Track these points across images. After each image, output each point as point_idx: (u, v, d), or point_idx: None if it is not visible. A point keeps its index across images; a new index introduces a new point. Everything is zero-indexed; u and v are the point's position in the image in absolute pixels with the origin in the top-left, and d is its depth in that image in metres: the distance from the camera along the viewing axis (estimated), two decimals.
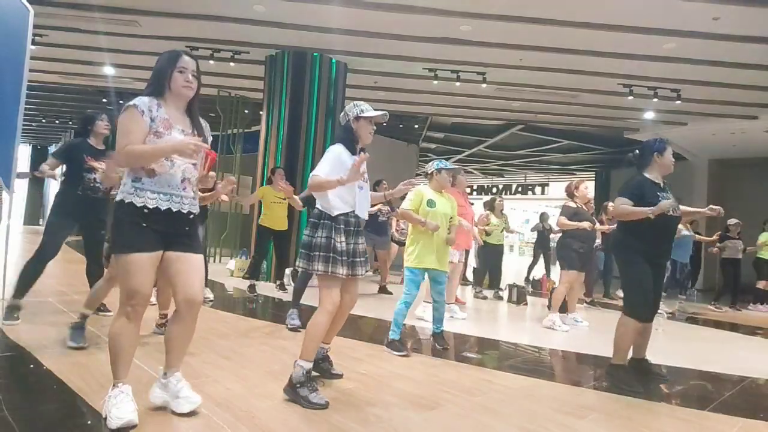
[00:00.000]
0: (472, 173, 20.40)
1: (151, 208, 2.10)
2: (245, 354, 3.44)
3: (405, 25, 6.59)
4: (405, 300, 3.89)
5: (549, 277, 8.77)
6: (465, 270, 7.93)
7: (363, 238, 2.84)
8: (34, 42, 6.20)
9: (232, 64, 8.04)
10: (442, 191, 4.07)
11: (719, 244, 8.40)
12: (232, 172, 9.20)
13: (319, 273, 2.63)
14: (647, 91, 8.04)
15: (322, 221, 2.68)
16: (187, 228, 2.24)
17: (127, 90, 10.68)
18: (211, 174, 4.00)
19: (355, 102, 2.84)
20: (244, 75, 8.93)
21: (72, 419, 2.20)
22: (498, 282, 7.71)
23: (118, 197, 2.13)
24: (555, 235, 7.70)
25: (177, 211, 2.17)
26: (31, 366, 2.84)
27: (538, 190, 20.84)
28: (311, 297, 4.63)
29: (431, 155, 16.71)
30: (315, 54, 7.79)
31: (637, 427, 2.63)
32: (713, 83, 7.70)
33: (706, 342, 5.51)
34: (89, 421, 2.13)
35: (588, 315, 6.05)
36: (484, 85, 8.28)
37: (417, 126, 13.09)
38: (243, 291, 6.54)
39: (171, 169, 2.14)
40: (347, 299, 2.82)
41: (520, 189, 21.35)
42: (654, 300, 3.34)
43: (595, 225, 5.54)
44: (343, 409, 2.53)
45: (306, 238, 2.70)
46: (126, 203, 2.09)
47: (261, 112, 8.36)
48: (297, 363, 2.60)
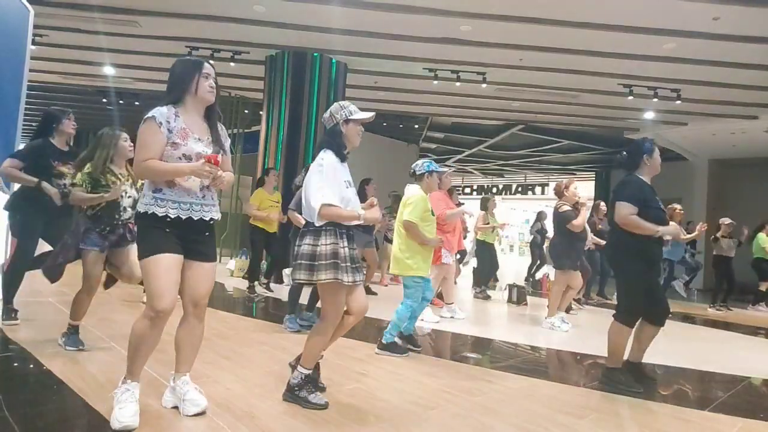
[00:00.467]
0: (472, 173, 20.40)
1: (173, 217, 2.18)
2: (245, 354, 3.45)
3: (405, 25, 6.59)
4: (413, 306, 3.86)
5: (549, 277, 8.75)
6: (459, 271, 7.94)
7: (355, 242, 2.69)
8: (34, 42, 6.20)
9: (232, 64, 8.05)
10: (428, 194, 4.03)
11: (713, 242, 8.31)
12: (232, 172, 9.16)
13: (327, 282, 2.44)
14: (647, 91, 8.04)
15: (324, 228, 2.49)
16: (207, 233, 2.33)
17: (127, 90, 10.69)
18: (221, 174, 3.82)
19: (341, 103, 2.67)
20: (244, 75, 8.93)
21: (72, 419, 2.20)
22: (489, 279, 7.71)
23: (139, 209, 2.20)
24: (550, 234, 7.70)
25: (198, 219, 2.25)
26: (31, 366, 2.84)
27: (538, 190, 20.82)
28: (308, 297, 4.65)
29: (431, 155, 16.72)
30: (315, 54, 7.79)
31: (637, 427, 2.64)
32: (713, 83, 7.70)
33: (706, 342, 5.51)
34: (89, 421, 2.13)
35: (588, 314, 6.05)
36: (484, 85, 8.28)
37: (417, 126, 13.09)
38: (243, 291, 6.54)
39: (190, 179, 2.21)
40: (356, 307, 2.65)
41: (520, 189, 21.33)
42: (665, 302, 3.30)
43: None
44: (343, 409, 2.53)
45: (306, 247, 2.48)
46: (149, 214, 2.16)
47: (261, 112, 8.37)
48: (297, 369, 2.58)
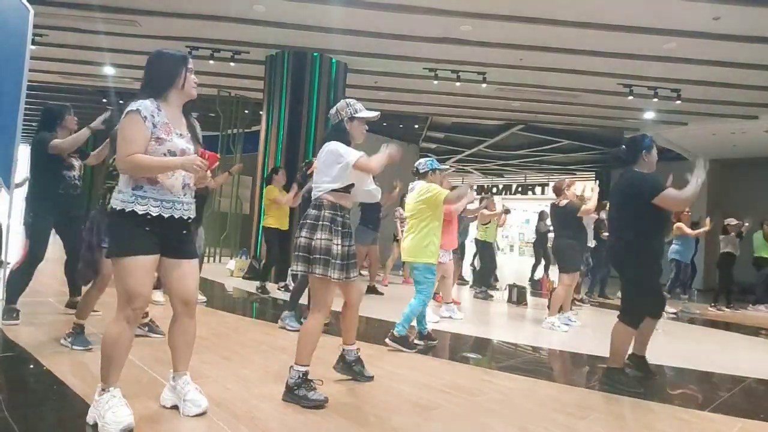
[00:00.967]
0: (472, 173, 20.40)
1: (154, 215, 2.11)
2: (245, 354, 3.44)
3: (405, 25, 6.58)
4: (425, 301, 3.99)
5: (548, 277, 8.75)
6: (461, 270, 7.94)
7: (352, 240, 2.78)
8: (34, 42, 6.19)
9: (232, 64, 8.04)
10: None
11: (723, 236, 8.38)
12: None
13: (317, 276, 2.59)
14: (647, 91, 8.04)
15: (321, 222, 2.62)
16: (185, 232, 2.27)
17: (127, 90, 10.67)
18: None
19: (348, 101, 2.79)
20: (244, 75, 8.92)
21: (72, 419, 2.19)
22: (488, 278, 7.72)
23: (114, 205, 2.10)
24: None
25: (179, 218, 2.20)
26: (31, 366, 2.84)
27: (538, 190, 20.82)
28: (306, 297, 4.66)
29: (431, 155, 16.70)
30: (315, 54, 7.78)
31: (638, 427, 2.63)
32: (713, 83, 7.69)
33: (706, 342, 5.51)
34: (89, 422, 2.13)
35: (588, 315, 6.05)
36: (484, 85, 8.28)
37: (417, 126, 13.08)
38: (243, 291, 6.54)
39: (172, 177, 2.17)
40: (352, 298, 2.90)
41: (520, 189, 21.33)
42: (663, 296, 3.37)
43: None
44: (343, 409, 2.52)
45: (303, 240, 2.62)
46: (127, 212, 2.08)
47: (261, 112, 8.36)
48: (293, 368, 2.57)
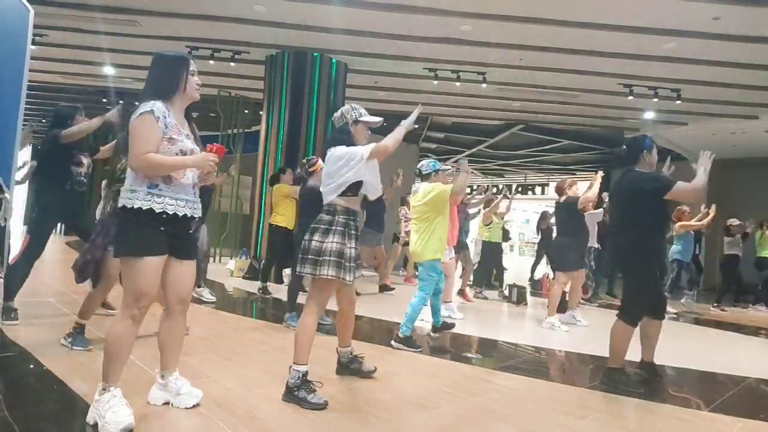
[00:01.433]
0: (472, 173, 20.38)
1: (171, 214, 2.13)
2: (245, 354, 3.44)
3: (405, 25, 6.58)
4: (425, 298, 4.03)
5: (549, 277, 8.74)
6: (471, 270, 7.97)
7: (358, 242, 2.82)
8: (34, 42, 6.19)
9: (232, 64, 8.05)
10: None
11: (728, 238, 8.39)
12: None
13: (329, 278, 2.58)
14: (647, 91, 8.04)
15: (335, 228, 2.65)
16: (191, 231, 2.31)
17: (127, 90, 10.68)
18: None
19: (353, 105, 2.87)
20: (244, 75, 8.93)
21: (72, 419, 2.20)
22: (501, 281, 7.72)
23: (126, 203, 2.10)
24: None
25: (190, 216, 2.24)
26: (31, 366, 2.84)
27: (538, 190, 20.82)
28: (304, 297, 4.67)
29: (431, 155, 16.69)
30: (315, 54, 7.79)
31: (638, 427, 2.63)
32: (713, 83, 7.69)
33: (706, 342, 5.51)
34: (89, 422, 2.13)
35: (587, 315, 6.04)
36: (484, 85, 8.28)
37: (417, 126, 13.06)
38: (243, 291, 6.54)
39: (184, 177, 2.21)
40: (348, 303, 2.97)
41: (520, 189, 21.33)
42: (664, 296, 3.37)
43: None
44: (343, 409, 2.52)
45: (315, 243, 2.63)
46: (144, 210, 2.08)
47: (261, 112, 8.36)
48: (292, 368, 2.57)
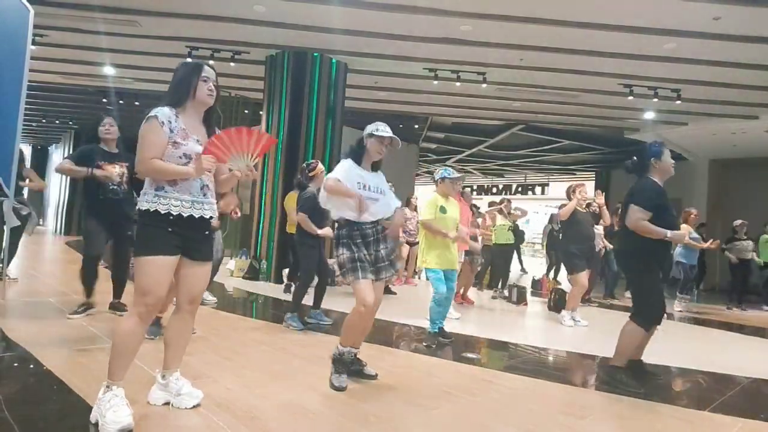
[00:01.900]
0: (472, 173, 20.39)
1: (175, 215, 2.18)
2: (245, 354, 3.45)
3: (405, 25, 6.58)
4: (436, 299, 4.22)
5: (556, 278, 8.77)
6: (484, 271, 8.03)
7: (384, 243, 3.01)
8: (34, 42, 6.19)
9: (232, 64, 8.03)
10: (447, 197, 4.39)
11: (726, 245, 8.41)
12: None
13: (352, 282, 2.86)
14: (647, 91, 8.03)
15: (340, 241, 2.92)
16: (207, 232, 2.34)
17: (128, 90, 10.67)
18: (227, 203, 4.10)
19: (377, 123, 3.08)
20: (244, 75, 8.91)
21: (72, 419, 2.20)
22: (505, 282, 7.73)
23: (141, 206, 2.20)
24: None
25: (199, 217, 2.26)
26: (31, 366, 2.84)
27: (538, 190, 20.84)
28: (307, 298, 4.70)
29: (431, 155, 16.70)
30: (315, 54, 7.78)
31: (638, 427, 2.64)
32: (713, 83, 7.68)
33: (706, 342, 5.51)
34: (89, 422, 2.13)
35: (588, 315, 6.05)
36: (484, 85, 8.27)
37: (417, 126, 13.07)
38: (243, 291, 6.54)
39: (189, 179, 2.22)
40: (376, 300, 3.03)
41: (520, 189, 21.34)
42: (663, 303, 3.35)
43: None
44: (343, 409, 2.53)
45: (336, 258, 2.96)
46: (151, 212, 2.16)
47: (261, 112, 8.35)
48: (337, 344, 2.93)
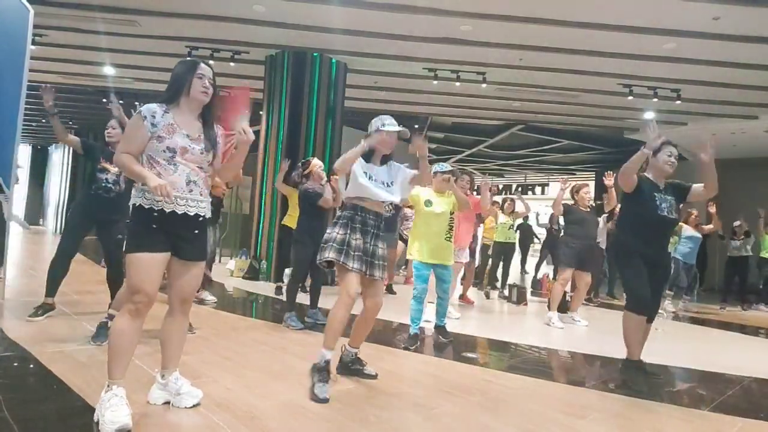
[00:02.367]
0: (472, 173, 20.38)
1: (158, 210, 2.17)
2: (245, 354, 3.44)
3: (405, 25, 6.58)
4: (414, 296, 4.13)
5: (553, 278, 8.75)
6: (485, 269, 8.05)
7: (384, 243, 2.92)
8: (34, 42, 6.19)
9: (232, 64, 8.03)
10: (443, 192, 4.36)
11: (725, 240, 8.48)
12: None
13: (329, 259, 2.74)
14: (647, 91, 8.03)
15: (341, 221, 2.83)
16: (197, 231, 2.30)
17: (128, 90, 10.67)
18: (216, 180, 4.04)
19: (381, 116, 3.05)
20: (244, 75, 8.91)
21: (72, 419, 2.20)
22: (504, 281, 7.73)
23: (131, 201, 2.23)
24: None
25: (183, 214, 2.22)
26: (31, 366, 2.84)
27: (538, 190, 20.85)
28: (305, 297, 4.70)
29: (431, 155, 16.64)
30: (315, 54, 7.78)
31: (638, 427, 2.63)
32: (713, 83, 7.68)
33: (706, 342, 5.51)
34: (89, 421, 2.13)
35: (588, 315, 6.05)
36: (484, 85, 8.27)
37: (417, 126, 13.07)
38: (243, 291, 6.55)
39: (174, 174, 2.21)
40: (371, 304, 2.93)
41: (520, 189, 21.35)
42: (653, 300, 3.36)
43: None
44: (343, 409, 2.52)
45: (326, 235, 2.85)
46: (137, 207, 2.19)
47: (261, 112, 8.36)
48: (320, 350, 2.76)
